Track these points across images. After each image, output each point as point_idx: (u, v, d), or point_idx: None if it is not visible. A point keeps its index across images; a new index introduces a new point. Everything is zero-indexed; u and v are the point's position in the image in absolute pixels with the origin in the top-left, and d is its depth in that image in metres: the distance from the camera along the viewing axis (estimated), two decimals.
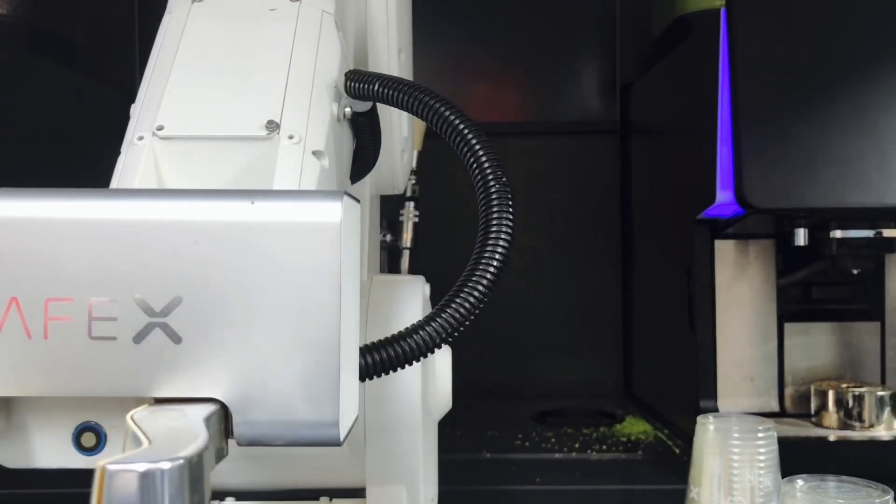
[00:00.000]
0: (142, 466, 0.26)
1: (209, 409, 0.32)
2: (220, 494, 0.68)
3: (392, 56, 0.76)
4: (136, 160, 0.50)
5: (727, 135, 1.04)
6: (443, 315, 0.42)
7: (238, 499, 0.68)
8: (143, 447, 0.28)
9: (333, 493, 0.68)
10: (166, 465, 0.26)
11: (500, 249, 0.46)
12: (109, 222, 0.33)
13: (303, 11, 0.60)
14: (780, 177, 1.00)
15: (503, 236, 0.47)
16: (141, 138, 0.51)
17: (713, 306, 1.16)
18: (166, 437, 0.28)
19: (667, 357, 1.32)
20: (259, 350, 0.33)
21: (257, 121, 0.52)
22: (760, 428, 0.71)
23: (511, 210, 0.48)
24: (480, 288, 0.44)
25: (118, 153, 0.53)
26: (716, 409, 1.14)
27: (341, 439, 0.33)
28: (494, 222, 0.47)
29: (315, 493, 0.68)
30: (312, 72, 0.56)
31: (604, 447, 1.20)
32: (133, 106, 0.55)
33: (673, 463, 1.12)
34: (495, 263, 0.45)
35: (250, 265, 0.33)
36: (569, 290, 1.64)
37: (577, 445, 1.21)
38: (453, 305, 0.43)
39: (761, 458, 0.70)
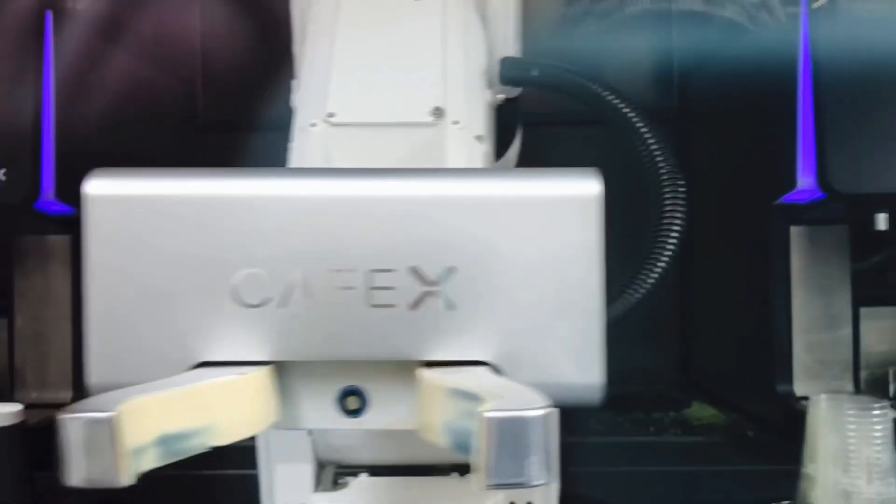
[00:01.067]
0: (524, 413, 0.28)
1: (483, 371, 0.34)
2: (353, 469, 0.70)
3: (509, 44, 0.77)
4: (310, 146, 0.52)
5: (808, 120, 1.05)
6: (641, 280, 0.45)
7: (372, 474, 0.70)
8: (501, 399, 0.30)
9: (464, 468, 0.70)
10: (541, 412, 0.28)
11: (674, 229, 0.48)
12: (391, 199, 0.35)
13: (447, 1, 0.62)
14: (864, 161, 1.01)
15: (676, 219, 0.49)
16: (313, 125, 0.53)
17: (789, 291, 1.17)
18: (500, 392, 0.30)
19: (736, 343, 1.34)
20: (527, 316, 0.35)
21: (424, 107, 0.54)
22: (876, 406, 0.73)
23: (682, 195, 0.50)
24: (662, 262, 0.46)
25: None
26: (792, 394, 1.15)
27: (600, 400, 0.35)
28: (668, 206, 0.49)
29: (447, 469, 0.70)
30: (465, 60, 0.58)
31: (679, 431, 1.22)
32: (295, 96, 0.57)
33: (752, 446, 1.13)
34: (671, 241, 0.47)
35: (517, 237, 0.35)
36: (624, 275, 1.64)
37: (652, 429, 1.22)
38: (643, 274, 0.45)
39: (877, 435, 0.72)
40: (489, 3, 0.76)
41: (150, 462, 0.33)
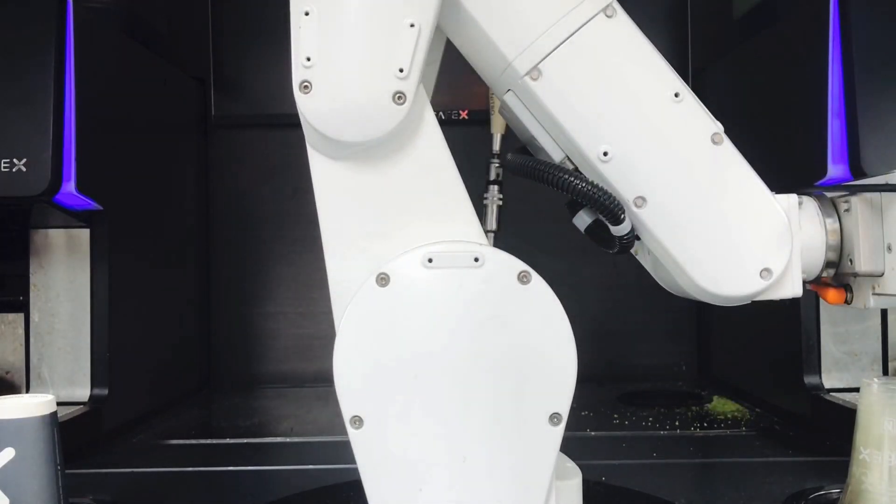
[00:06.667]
0: None
1: None
2: None
3: None
4: None
5: (839, 108, 1.04)
6: None
7: None
8: None
9: None
10: None
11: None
12: None
13: None
14: None
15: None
16: None
17: None
18: None
19: (759, 337, 1.32)
20: None
21: None
22: None
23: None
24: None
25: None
26: (821, 386, 1.14)
27: None
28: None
29: None
30: None
31: (704, 424, 1.21)
32: None
33: (780, 437, 1.12)
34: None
35: None
36: (642, 276, 1.63)
37: (677, 423, 1.21)
38: None
39: None
40: None
41: None
